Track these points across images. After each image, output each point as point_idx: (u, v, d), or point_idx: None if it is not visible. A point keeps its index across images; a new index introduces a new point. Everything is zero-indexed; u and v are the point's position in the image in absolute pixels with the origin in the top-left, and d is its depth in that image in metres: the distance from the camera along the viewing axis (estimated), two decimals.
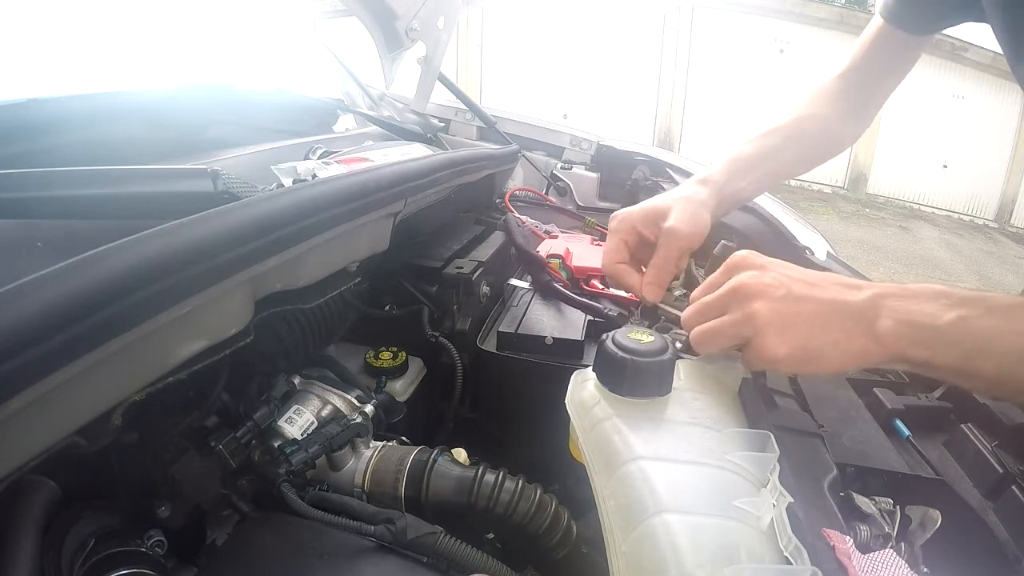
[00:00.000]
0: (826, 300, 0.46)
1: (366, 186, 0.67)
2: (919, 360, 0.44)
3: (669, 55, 9.16)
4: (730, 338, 0.48)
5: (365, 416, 0.71)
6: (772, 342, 0.45)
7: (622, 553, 0.40)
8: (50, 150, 0.72)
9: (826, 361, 0.45)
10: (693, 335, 0.50)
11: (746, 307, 0.47)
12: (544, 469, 0.74)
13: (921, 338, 0.43)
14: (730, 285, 0.49)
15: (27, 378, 0.33)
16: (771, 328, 0.45)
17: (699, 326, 0.50)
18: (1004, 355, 0.41)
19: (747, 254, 0.52)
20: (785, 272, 0.49)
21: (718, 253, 0.66)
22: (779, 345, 0.45)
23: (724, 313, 0.49)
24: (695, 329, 0.50)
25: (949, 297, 0.44)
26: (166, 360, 0.47)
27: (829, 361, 0.45)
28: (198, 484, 0.57)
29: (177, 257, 0.42)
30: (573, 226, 1.54)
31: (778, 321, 0.45)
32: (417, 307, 0.92)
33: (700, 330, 0.50)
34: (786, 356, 0.45)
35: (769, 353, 0.46)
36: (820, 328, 0.45)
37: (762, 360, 0.47)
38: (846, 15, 8.67)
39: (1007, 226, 8.85)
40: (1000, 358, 0.41)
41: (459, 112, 1.83)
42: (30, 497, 0.47)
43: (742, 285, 0.48)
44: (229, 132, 1.05)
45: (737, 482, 0.43)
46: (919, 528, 0.48)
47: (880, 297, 0.45)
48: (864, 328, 0.44)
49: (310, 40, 2.04)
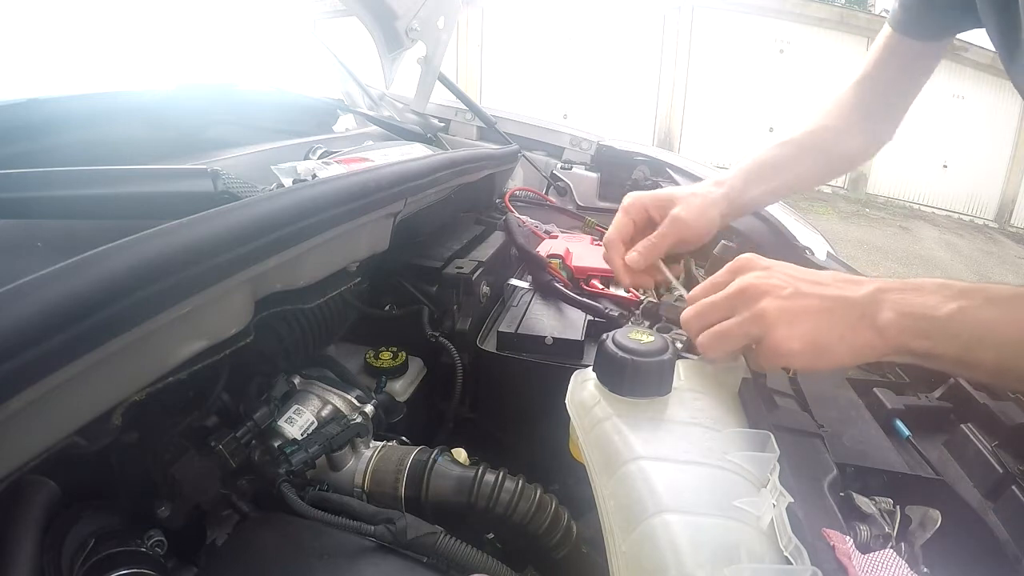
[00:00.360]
0: (830, 296, 0.47)
1: (366, 186, 0.67)
2: (920, 351, 0.44)
3: (669, 55, 9.16)
4: (740, 339, 0.48)
5: (365, 416, 0.71)
6: (784, 338, 0.46)
7: (622, 553, 0.40)
8: (50, 150, 0.72)
9: (834, 355, 0.46)
10: (701, 340, 0.50)
11: (754, 306, 0.47)
12: (544, 469, 0.74)
13: (922, 329, 0.44)
14: (737, 285, 0.49)
15: (27, 378, 0.33)
16: (781, 324, 0.46)
17: (707, 330, 0.50)
18: (1004, 345, 0.42)
19: (751, 257, 0.52)
20: (790, 272, 0.49)
21: (718, 253, 0.66)
22: (791, 340, 0.46)
23: (730, 314, 0.49)
24: (704, 334, 0.50)
25: (949, 289, 0.44)
26: (166, 360, 0.47)
27: (837, 355, 0.46)
28: (198, 484, 0.57)
29: (177, 257, 0.42)
30: (573, 226, 1.54)
31: (787, 318, 0.46)
32: (417, 307, 0.92)
33: (709, 334, 0.50)
34: (799, 351, 0.46)
35: (783, 349, 0.46)
36: (826, 323, 0.46)
37: (775, 356, 0.47)
38: (846, 15, 8.67)
39: (1007, 226, 8.85)
40: (1000, 348, 0.42)
41: (459, 112, 1.83)
42: (30, 497, 0.47)
43: (749, 285, 0.48)
44: (229, 132, 1.05)
45: (737, 482, 0.43)
46: (919, 528, 0.48)
47: (881, 291, 0.46)
48: (867, 322, 0.45)
49: (310, 40, 2.04)
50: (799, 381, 0.66)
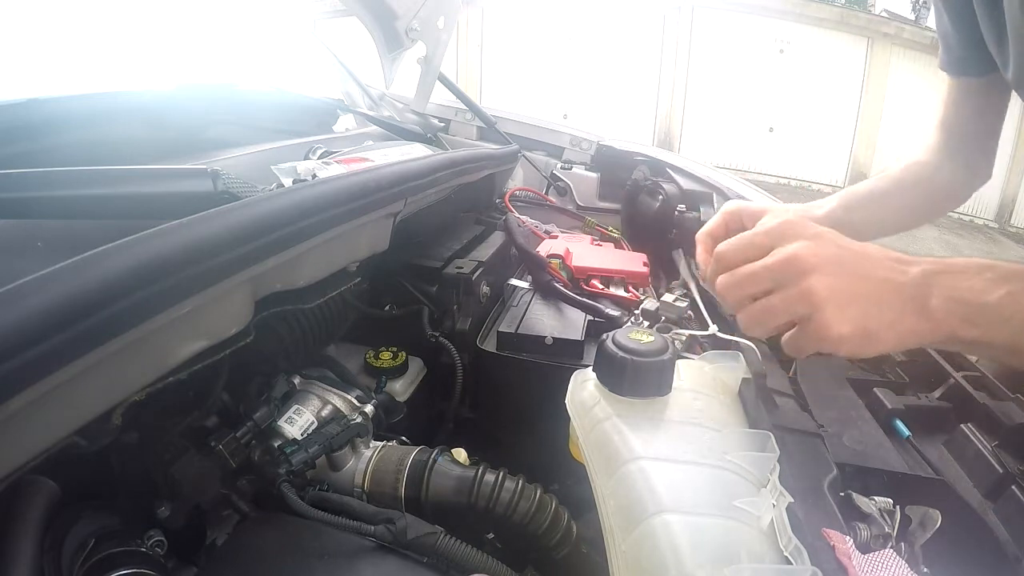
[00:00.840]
0: (880, 279, 0.44)
1: (366, 186, 0.67)
2: (969, 338, 0.42)
3: (669, 55, 9.16)
4: (784, 316, 0.44)
5: (365, 416, 0.71)
6: (835, 320, 0.42)
7: (622, 553, 0.40)
8: (50, 150, 0.72)
9: (881, 342, 0.43)
10: (744, 317, 0.46)
11: (801, 283, 0.43)
12: (544, 469, 0.74)
13: (970, 315, 0.42)
14: (782, 255, 0.44)
15: (27, 378, 0.33)
16: (831, 305, 0.42)
17: (751, 307, 0.46)
18: None
19: (796, 220, 0.47)
20: (840, 244, 0.45)
21: None
22: (842, 323, 0.42)
23: (772, 287, 0.44)
24: (747, 311, 0.46)
25: (993, 271, 0.42)
26: (166, 360, 0.47)
27: (884, 342, 0.43)
28: (198, 484, 0.57)
29: (177, 257, 0.42)
30: (573, 226, 1.54)
31: (838, 298, 0.42)
32: (417, 307, 0.92)
33: (754, 312, 0.46)
34: (849, 335, 0.42)
35: (833, 332, 0.42)
36: (876, 308, 0.43)
37: (821, 340, 0.43)
38: (846, 15, 8.67)
39: (1007, 226, 8.85)
40: None
41: (459, 112, 1.83)
42: (30, 497, 0.47)
43: (795, 257, 0.44)
44: (229, 132, 1.05)
45: (737, 482, 0.43)
46: (919, 528, 0.48)
47: (929, 274, 0.43)
48: (916, 307, 0.43)
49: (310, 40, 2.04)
50: (799, 381, 0.66)
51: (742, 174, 1.80)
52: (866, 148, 9.05)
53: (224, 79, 1.21)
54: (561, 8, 9.07)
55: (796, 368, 0.69)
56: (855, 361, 0.71)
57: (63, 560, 0.48)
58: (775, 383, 0.63)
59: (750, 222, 0.63)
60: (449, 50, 1.42)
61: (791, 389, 0.64)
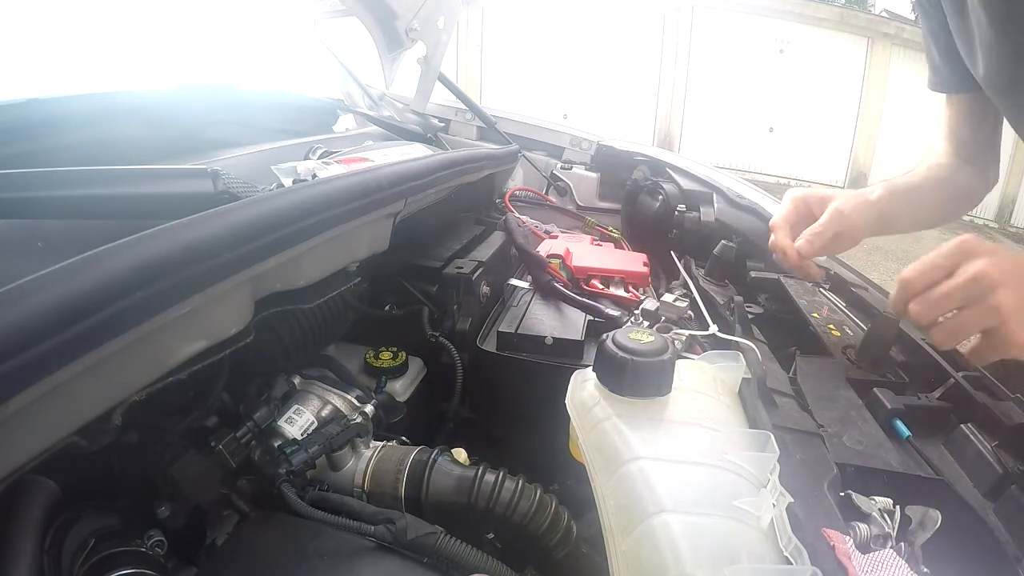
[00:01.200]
0: None
1: (366, 186, 0.67)
2: None
3: (669, 55, 9.15)
4: (975, 329, 0.49)
5: (365, 416, 0.71)
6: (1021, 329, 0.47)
7: (622, 553, 0.40)
8: (50, 150, 0.72)
9: None
10: (939, 335, 0.51)
11: (991, 298, 0.47)
12: (544, 469, 0.74)
13: None
14: (971, 273, 0.49)
15: (27, 378, 0.33)
16: (1018, 315, 0.47)
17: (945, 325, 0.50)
18: None
19: (972, 238, 0.51)
20: (1014, 258, 0.50)
21: (718, 253, 0.66)
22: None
23: (963, 304, 0.49)
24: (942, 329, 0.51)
25: None
26: (166, 360, 0.47)
27: None
28: (198, 484, 0.57)
29: (177, 257, 0.42)
30: (573, 226, 1.54)
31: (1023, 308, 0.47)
32: (417, 307, 0.92)
33: (949, 330, 0.50)
34: None
35: (1020, 339, 0.47)
36: None
37: (1010, 348, 0.48)
38: (846, 15, 8.67)
39: (1007, 226, 8.84)
40: None
41: (459, 112, 1.83)
42: (30, 497, 0.47)
43: (983, 274, 0.48)
44: (229, 132, 1.05)
45: (737, 482, 0.43)
46: (919, 528, 0.48)
47: None
48: None
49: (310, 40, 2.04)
50: (799, 381, 0.66)
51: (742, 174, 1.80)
52: (866, 148, 9.05)
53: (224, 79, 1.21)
54: (561, 8, 9.07)
55: (796, 368, 0.69)
56: (855, 361, 0.72)
57: (63, 560, 0.48)
58: (775, 383, 0.63)
59: (817, 207, 0.70)
60: (449, 50, 1.42)
61: (791, 389, 0.64)
